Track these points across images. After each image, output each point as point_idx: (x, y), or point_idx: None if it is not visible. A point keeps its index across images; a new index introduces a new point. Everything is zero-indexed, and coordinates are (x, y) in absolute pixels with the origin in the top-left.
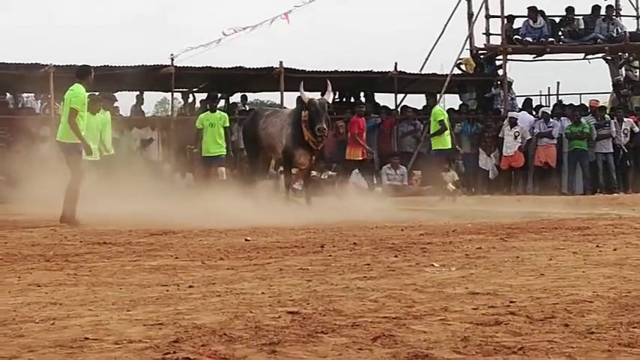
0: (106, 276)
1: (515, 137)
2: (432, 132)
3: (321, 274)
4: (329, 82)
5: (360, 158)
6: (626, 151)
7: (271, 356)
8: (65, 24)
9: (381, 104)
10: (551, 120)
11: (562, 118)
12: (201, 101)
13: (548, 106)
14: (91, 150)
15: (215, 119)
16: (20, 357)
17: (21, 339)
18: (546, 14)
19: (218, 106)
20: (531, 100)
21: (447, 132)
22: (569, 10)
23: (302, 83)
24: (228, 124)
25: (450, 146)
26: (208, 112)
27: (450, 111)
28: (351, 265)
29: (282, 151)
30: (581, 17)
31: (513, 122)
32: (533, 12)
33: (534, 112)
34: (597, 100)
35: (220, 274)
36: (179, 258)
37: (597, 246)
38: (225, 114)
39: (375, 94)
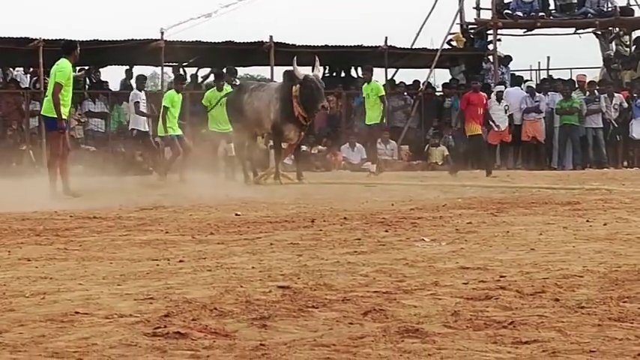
0: (97, 250)
1: (505, 111)
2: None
3: (311, 249)
4: (317, 58)
5: (480, 132)
6: (616, 125)
7: (262, 330)
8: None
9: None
10: (537, 94)
11: (550, 92)
12: (191, 75)
13: (532, 81)
14: (63, 126)
15: (221, 97)
16: (10, 331)
17: (11, 313)
18: None
19: (207, 81)
20: (522, 77)
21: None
22: None
23: (295, 58)
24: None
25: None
26: (215, 89)
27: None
28: (342, 239)
29: (271, 126)
30: None
31: (500, 96)
32: None
33: (522, 88)
34: (585, 75)
35: (211, 248)
36: (169, 232)
37: (587, 221)
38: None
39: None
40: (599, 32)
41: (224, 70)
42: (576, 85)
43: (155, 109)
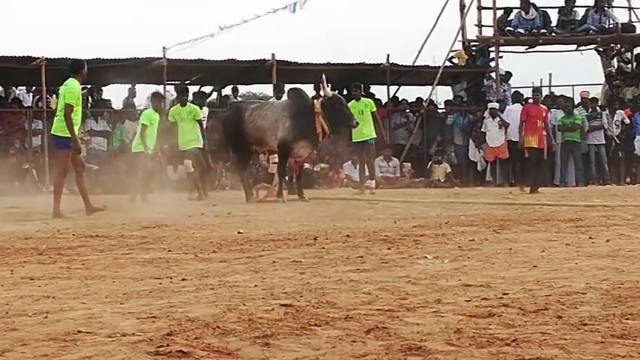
0: (99, 269)
1: (500, 127)
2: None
3: (314, 267)
4: (324, 77)
5: (535, 146)
6: (618, 142)
7: (265, 349)
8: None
9: (376, 96)
10: None
11: (552, 109)
12: (194, 94)
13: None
14: (79, 146)
15: (185, 113)
16: (13, 350)
17: (14, 332)
18: (538, 6)
19: (209, 99)
20: (521, 94)
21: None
22: (568, 1)
23: (324, 76)
24: (199, 117)
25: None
26: (179, 105)
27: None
28: (344, 257)
29: (278, 144)
30: (583, 9)
31: (494, 113)
32: (526, 3)
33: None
34: (588, 92)
35: (213, 266)
36: (172, 251)
37: (590, 237)
38: (197, 107)
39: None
40: (601, 49)
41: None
42: (578, 102)
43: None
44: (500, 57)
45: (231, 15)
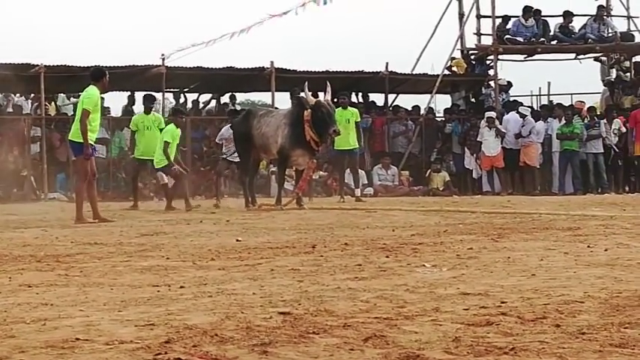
0: (98, 276)
1: (497, 136)
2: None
3: (312, 275)
4: (328, 83)
5: None
6: (617, 150)
7: (263, 357)
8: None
9: (376, 103)
10: (526, 119)
11: (549, 119)
12: (192, 101)
13: (526, 107)
14: (89, 152)
15: (150, 121)
16: (11, 357)
17: (12, 339)
18: (541, 14)
19: (208, 107)
20: (516, 102)
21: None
22: (567, 13)
23: (307, 84)
24: (163, 126)
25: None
26: (142, 113)
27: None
28: (343, 265)
29: (277, 151)
30: (582, 18)
31: (491, 122)
32: (528, 12)
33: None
34: (583, 102)
35: (211, 274)
36: (170, 258)
37: (588, 246)
38: (161, 116)
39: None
40: (601, 58)
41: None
42: (575, 112)
43: None
44: (500, 69)
45: (230, 22)
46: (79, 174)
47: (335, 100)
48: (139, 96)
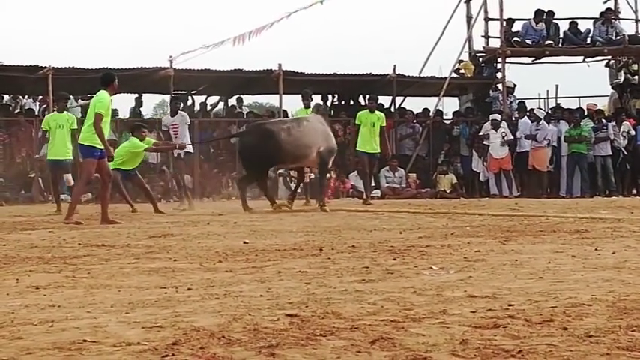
0: (105, 278)
1: (503, 138)
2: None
3: (319, 277)
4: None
5: None
6: (625, 153)
7: (270, 359)
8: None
9: (384, 106)
10: (540, 123)
11: (560, 121)
12: (200, 103)
13: (540, 109)
14: (112, 154)
15: (63, 120)
16: (19, 359)
17: (19, 341)
18: (551, 17)
19: (215, 109)
20: (524, 103)
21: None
22: (572, 23)
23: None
24: (75, 127)
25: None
26: (55, 112)
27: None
28: (350, 267)
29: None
30: (590, 20)
31: (497, 125)
32: (540, 15)
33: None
34: (595, 104)
35: (219, 276)
36: (178, 260)
37: (596, 249)
38: (74, 116)
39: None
40: (608, 61)
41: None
42: (586, 114)
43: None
44: (508, 68)
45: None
46: (83, 176)
47: (351, 102)
48: (147, 98)
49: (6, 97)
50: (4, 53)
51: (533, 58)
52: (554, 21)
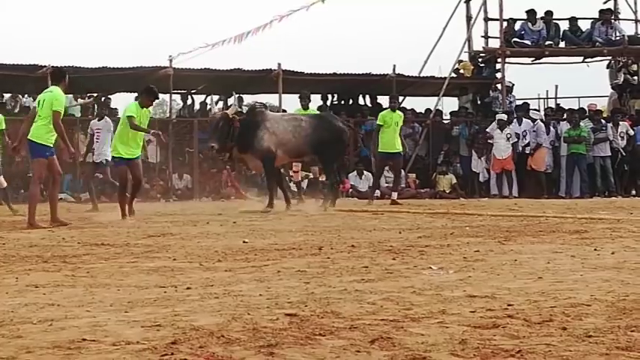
0: (104, 277)
1: (508, 139)
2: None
3: (319, 277)
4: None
5: None
6: (624, 154)
7: (269, 358)
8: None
9: (384, 106)
10: (536, 124)
11: (560, 121)
12: (200, 103)
13: (535, 110)
14: (73, 152)
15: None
16: (18, 358)
17: (19, 340)
18: (550, 17)
19: (217, 107)
20: (528, 104)
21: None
22: (573, 20)
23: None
24: (4, 127)
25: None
26: None
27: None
28: (349, 267)
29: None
30: (589, 21)
31: (503, 125)
32: (533, 15)
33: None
34: (595, 104)
35: (218, 275)
36: (177, 260)
37: (595, 249)
38: (2, 116)
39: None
40: (609, 62)
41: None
42: (586, 114)
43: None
44: (507, 69)
45: (237, 24)
46: (34, 176)
47: (350, 102)
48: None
49: (6, 96)
50: (4, 52)
51: (533, 59)
52: (554, 21)
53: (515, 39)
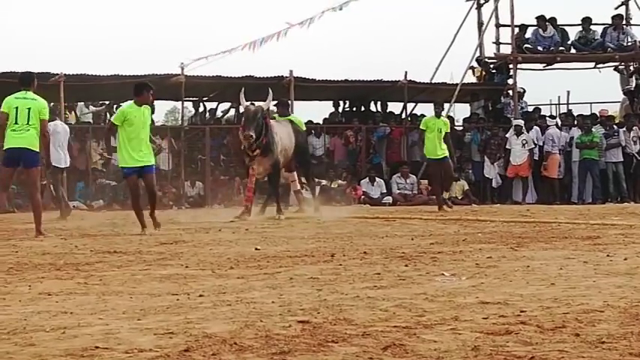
0: (117, 285)
1: (524, 145)
2: (440, 140)
3: (331, 284)
4: (270, 91)
5: None
6: (638, 159)
7: None
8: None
9: (395, 113)
10: (548, 131)
11: (572, 128)
12: (221, 111)
13: (550, 117)
14: (50, 162)
15: None
16: None
17: (32, 348)
18: (557, 23)
19: (227, 115)
20: (540, 109)
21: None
22: (586, 20)
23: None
24: None
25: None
26: None
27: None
28: (362, 274)
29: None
30: (601, 26)
31: (519, 130)
32: (543, 21)
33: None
34: (607, 110)
35: (231, 283)
36: (189, 267)
37: (608, 255)
38: None
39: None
40: (619, 68)
41: None
42: (598, 120)
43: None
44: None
45: (250, 33)
46: (35, 185)
47: (362, 108)
48: (158, 105)
49: None
50: (16, 60)
51: (545, 65)
52: (561, 27)
53: (526, 45)
